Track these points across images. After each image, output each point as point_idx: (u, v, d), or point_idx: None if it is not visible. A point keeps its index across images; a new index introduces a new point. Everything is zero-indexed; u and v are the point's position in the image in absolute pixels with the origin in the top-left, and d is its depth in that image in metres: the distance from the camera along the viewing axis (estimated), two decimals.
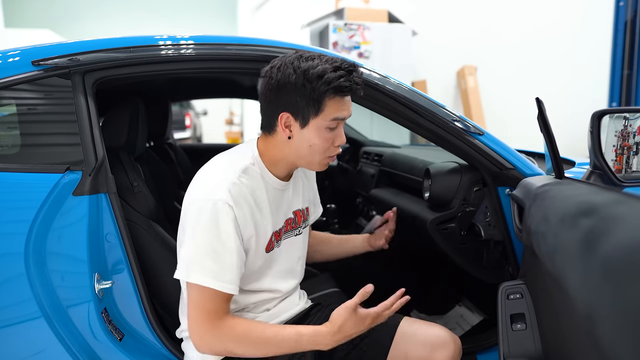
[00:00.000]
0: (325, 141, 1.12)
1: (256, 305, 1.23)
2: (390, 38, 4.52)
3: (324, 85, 1.05)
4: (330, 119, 1.10)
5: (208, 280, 1.04)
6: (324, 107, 1.08)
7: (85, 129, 1.22)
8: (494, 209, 1.47)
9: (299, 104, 1.08)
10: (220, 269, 1.05)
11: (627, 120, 1.30)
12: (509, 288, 1.23)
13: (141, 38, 1.31)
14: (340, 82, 1.06)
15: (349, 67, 1.09)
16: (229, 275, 1.06)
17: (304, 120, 1.10)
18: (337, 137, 1.13)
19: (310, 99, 1.07)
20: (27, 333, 1.16)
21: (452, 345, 1.22)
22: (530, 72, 5.25)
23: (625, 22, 4.34)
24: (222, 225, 1.05)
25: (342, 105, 1.10)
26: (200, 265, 1.04)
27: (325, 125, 1.10)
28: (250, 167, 1.14)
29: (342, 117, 1.11)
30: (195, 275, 1.04)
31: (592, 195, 0.84)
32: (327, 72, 1.05)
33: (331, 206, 2.50)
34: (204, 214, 1.05)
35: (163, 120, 2.24)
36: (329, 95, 1.07)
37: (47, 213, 1.15)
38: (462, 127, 1.40)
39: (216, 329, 1.06)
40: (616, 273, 0.62)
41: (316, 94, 1.06)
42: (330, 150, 1.14)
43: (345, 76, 1.07)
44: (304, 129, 1.11)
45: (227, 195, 1.06)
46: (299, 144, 1.12)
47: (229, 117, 11.38)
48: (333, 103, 1.08)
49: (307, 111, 1.08)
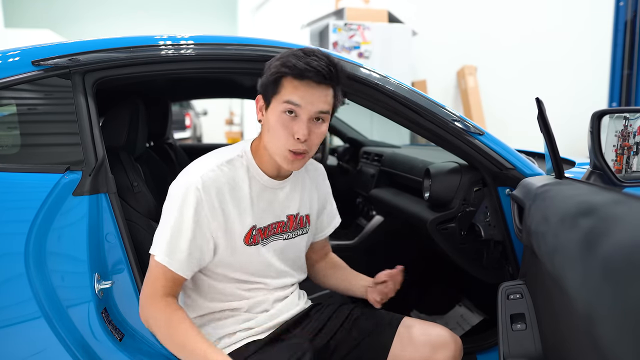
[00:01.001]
0: (282, 127, 1.09)
1: (252, 306, 1.22)
2: (390, 38, 4.52)
3: (280, 65, 1.08)
4: (284, 100, 1.08)
5: (161, 255, 1.10)
6: (281, 88, 1.09)
7: (85, 129, 1.22)
8: (494, 209, 1.47)
9: (266, 84, 1.11)
10: (174, 247, 1.10)
11: (627, 120, 1.30)
12: (509, 288, 1.23)
13: (141, 38, 1.31)
14: (292, 61, 1.07)
15: (314, 53, 1.09)
16: (179, 255, 1.10)
17: (267, 101, 1.12)
18: (296, 126, 1.08)
19: (271, 77, 1.09)
20: (27, 333, 1.16)
21: (453, 345, 1.22)
22: (530, 72, 5.25)
23: (625, 22, 4.33)
24: (185, 208, 1.09)
25: (299, 90, 1.07)
26: (159, 240, 1.11)
27: (281, 107, 1.08)
28: (236, 159, 1.17)
29: (295, 102, 1.07)
30: (154, 248, 1.12)
31: (592, 195, 0.84)
32: (290, 55, 1.09)
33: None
34: (173, 194, 1.12)
35: (163, 120, 2.24)
36: (285, 75, 1.08)
37: (47, 213, 1.15)
38: (462, 127, 1.40)
39: (152, 306, 1.10)
40: (616, 273, 0.62)
41: (273, 71, 1.09)
42: (291, 142, 1.09)
43: (303, 59, 1.07)
44: (267, 111, 1.12)
45: (198, 180, 1.10)
46: (265, 128, 1.14)
47: (229, 117, 11.38)
48: (289, 85, 1.08)
49: (268, 90, 1.11)
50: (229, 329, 1.19)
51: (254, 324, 1.20)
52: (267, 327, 1.22)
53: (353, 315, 1.31)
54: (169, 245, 1.09)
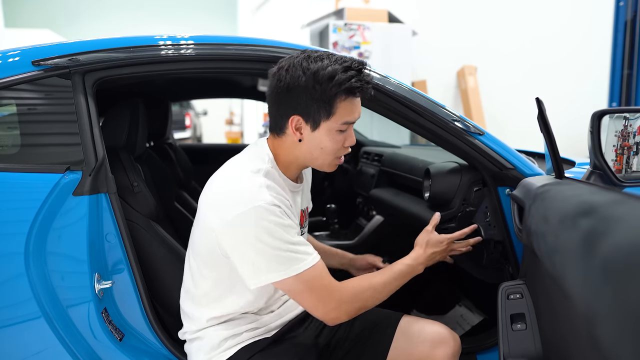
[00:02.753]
0: (336, 143, 1.12)
1: (261, 309, 1.21)
2: (390, 38, 4.52)
3: (335, 87, 1.04)
4: (342, 122, 1.09)
5: (303, 263, 1.05)
6: (336, 110, 1.07)
7: (85, 129, 1.22)
8: (494, 209, 1.47)
9: (310, 106, 1.07)
10: (304, 247, 1.07)
11: (627, 120, 1.30)
12: (509, 288, 1.23)
13: (141, 38, 1.31)
14: (352, 82, 1.04)
15: (359, 67, 1.08)
16: (308, 248, 1.08)
17: (315, 123, 1.09)
18: (347, 138, 1.13)
19: (322, 101, 1.06)
20: (27, 333, 1.16)
21: (452, 343, 1.23)
22: (530, 72, 5.25)
23: (625, 22, 4.33)
24: (277, 219, 1.03)
25: (354, 107, 1.10)
26: (288, 259, 1.04)
27: (337, 127, 1.09)
28: (270, 170, 1.12)
29: (354, 120, 1.10)
30: (293, 267, 1.04)
31: (592, 195, 0.84)
32: (337, 72, 1.04)
33: (331, 206, 2.50)
34: (257, 220, 1.02)
35: (163, 120, 2.24)
36: (340, 97, 1.06)
37: (47, 213, 1.15)
38: (462, 127, 1.40)
39: (342, 296, 1.09)
40: (616, 273, 0.62)
41: (327, 95, 1.05)
42: (341, 151, 1.14)
43: (356, 76, 1.05)
44: (314, 132, 1.10)
45: (270, 198, 1.04)
46: (310, 146, 1.11)
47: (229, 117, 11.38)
48: (345, 105, 1.08)
49: (319, 113, 1.07)
50: (236, 329, 1.19)
51: (259, 324, 1.21)
52: (272, 327, 1.22)
53: None
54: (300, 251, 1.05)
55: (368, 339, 1.26)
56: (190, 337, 1.21)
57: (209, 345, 1.17)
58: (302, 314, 1.30)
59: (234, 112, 11.55)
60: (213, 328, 1.18)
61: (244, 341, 1.18)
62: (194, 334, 1.20)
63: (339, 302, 1.08)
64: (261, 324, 1.21)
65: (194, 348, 1.20)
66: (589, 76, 5.26)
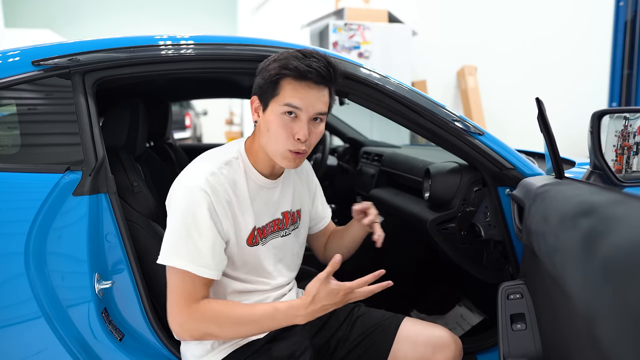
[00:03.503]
0: (282, 128, 1.09)
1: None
2: (390, 38, 4.52)
3: (280, 67, 1.07)
4: (284, 103, 1.08)
5: (186, 263, 1.05)
6: (280, 90, 1.08)
7: (85, 129, 1.22)
8: (494, 209, 1.47)
9: (262, 85, 1.11)
10: (198, 253, 1.06)
11: (627, 120, 1.30)
12: (509, 288, 1.23)
13: (141, 38, 1.31)
14: (298, 63, 1.06)
15: (313, 54, 1.09)
16: (205, 260, 1.06)
17: (265, 103, 1.12)
18: (297, 129, 1.09)
19: (269, 79, 1.09)
20: (27, 333, 1.16)
21: (453, 346, 1.23)
22: (530, 72, 5.25)
23: (625, 22, 4.33)
24: (198, 211, 1.06)
25: (299, 92, 1.08)
26: (178, 249, 1.06)
27: (281, 109, 1.08)
28: (233, 160, 1.16)
29: (296, 105, 1.08)
30: (175, 259, 1.05)
31: (592, 195, 0.84)
32: (289, 56, 1.08)
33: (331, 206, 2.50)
34: (180, 199, 1.08)
35: (163, 120, 2.24)
36: (284, 77, 1.08)
37: (47, 213, 1.15)
38: (462, 127, 1.40)
39: (195, 313, 1.06)
40: (616, 273, 0.62)
41: (272, 73, 1.08)
42: (291, 142, 1.10)
43: (303, 61, 1.07)
44: (265, 112, 1.12)
45: (204, 182, 1.07)
46: (262, 129, 1.13)
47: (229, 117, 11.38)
48: (289, 86, 1.08)
49: (267, 92, 1.11)
50: None
51: None
52: None
53: (353, 314, 1.32)
54: (191, 252, 1.05)
55: (369, 341, 1.25)
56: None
57: (202, 347, 1.17)
58: None
59: (234, 112, 11.55)
60: None
61: (237, 342, 1.18)
62: None
63: (187, 318, 1.06)
64: None
65: (189, 349, 1.19)
66: (589, 76, 5.26)
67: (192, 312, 1.06)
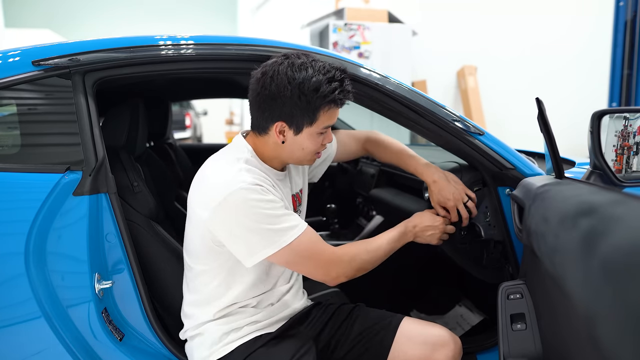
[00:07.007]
0: (317, 144, 1.19)
1: (260, 301, 1.22)
2: (390, 38, 4.52)
3: (320, 99, 1.11)
4: (323, 127, 1.16)
5: (292, 232, 1.10)
6: (318, 117, 1.13)
7: (86, 129, 1.23)
8: (494, 209, 1.47)
9: (294, 114, 1.13)
10: (290, 218, 1.12)
11: (627, 120, 1.30)
12: (509, 288, 1.23)
13: (141, 38, 1.31)
14: (336, 95, 1.11)
15: (342, 76, 1.13)
16: (297, 218, 1.15)
17: (298, 129, 1.15)
18: (326, 137, 1.20)
19: (306, 111, 1.12)
20: (27, 333, 1.16)
21: (453, 345, 1.23)
22: (530, 72, 5.25)
23: (625, 22, 4.33)
24: (260, 196, 1.08)
25: (335, 113, 1.17)
26: (277, 230, 1.10)
27: (318, 131, 1.16)
28: (249, 159, 1.18)
29: (333, 123, 1.18)
30: (283, 238, 1.10)
31: (592, 195, 0.84)
32: (322, 84, 1.10)
33: (331, 206, 2.50)
34: (239, 202, 1.07)
35: (163, 120, 2.24)
36: (324, 107, 1.12)
37: (47, 213, 1.15)
38: (462, 127, 1.40)
39: (339, 258, 1.17)
40: (616, 273, 0.62)
41: (312, 106, 1.11)
42: (320, 148, 1.21)
43: (339, 88, 1.12)
44: (297, 136, 1.16)
45: (249, 178, 1.10)
46: (293, 148, 1.18)
47: (229, 117, 11.38)
48: (327, 113, 1.14)
49: (302, 121, 1.13)
50: (236, 323, 1.20)
51: (260, 317, 1.22)
52: (273, 321, 1.23)
53: (353, 314, 1.32)
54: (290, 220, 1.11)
55: (368, 340, 1.26)
56: (191, 335, 1.22)
57: (210, 340, 1.18)
58: (303, 310, 1.30)
59: (234, 112, 11.55)
60: (213, 323, 1.19)
61: (245, 336, 1.19)
62: (194, 331, 1.21)
63: (337, 263, 1.16)
64: (261, 317, 1.21)
65: (195, 344, 1.20)
66: (590, 81, 5.24)
67: (335, 260, 1.16)
